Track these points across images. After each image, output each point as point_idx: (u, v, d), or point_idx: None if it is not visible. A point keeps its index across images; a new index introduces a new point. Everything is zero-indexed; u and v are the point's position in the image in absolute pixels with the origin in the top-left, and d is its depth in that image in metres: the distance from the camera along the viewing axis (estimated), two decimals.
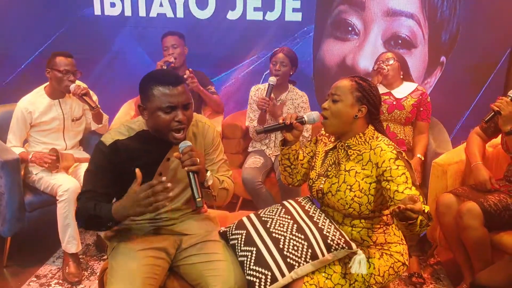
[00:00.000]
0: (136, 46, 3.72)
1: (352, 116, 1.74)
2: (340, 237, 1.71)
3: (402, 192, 1.58)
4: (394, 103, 2.85)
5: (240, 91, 3.69)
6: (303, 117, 1.81)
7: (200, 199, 1.57)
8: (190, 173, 1.59)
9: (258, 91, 3.11)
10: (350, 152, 1.77)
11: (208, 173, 1.67)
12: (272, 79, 2.87)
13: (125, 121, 2.08)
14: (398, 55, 2.94)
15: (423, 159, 2.81)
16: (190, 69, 3.10)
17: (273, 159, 3.09)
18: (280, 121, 1.81)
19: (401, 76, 2.91)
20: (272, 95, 2.90)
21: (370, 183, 1.70)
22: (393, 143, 1.73)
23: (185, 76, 3.01)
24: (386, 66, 2.85)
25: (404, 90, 2.91)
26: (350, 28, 3.54)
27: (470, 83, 3.45)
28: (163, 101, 1.63)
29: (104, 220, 1.62)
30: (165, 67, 3.08)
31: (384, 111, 2.84)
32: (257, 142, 3.16)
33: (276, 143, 3.12)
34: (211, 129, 1.88)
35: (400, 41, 3.48)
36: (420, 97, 2.87)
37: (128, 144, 1.73)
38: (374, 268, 1.71)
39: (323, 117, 1.78)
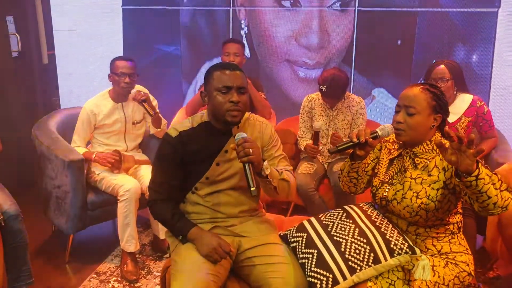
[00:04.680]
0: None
1: (429, 127, 1.73)
2: (403, 241, 1.69)
3: None
4: (447, 127, 2.69)
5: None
6: (377, 132, 1.73)
7: (254, 188, 1.62)
8: (245, 163, 1.64)
9: (311, 101, 3.10)
10: (418, 160, 1.74)
11: (265, 163, 1.71)
12: (317, 125, 2.89)
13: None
14: (452, 67, 2.64)
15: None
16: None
17: (326, 166, 3.08)
18: (354, 139, 1.72)
19: (455, 92, 2.70)
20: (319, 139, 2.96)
21: (438, 189, 1.67)
22: None
23: None
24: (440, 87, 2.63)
25: (457, 110, 2.70)
26: None
27: None
28: (219, 82, 1.77)
29: (175, 230, 1.84)
30: None
31: None
32: None
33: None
34: (268, 127, 1.96)
35: None
36: (476, 113, 2.69)
37: (191, 134, 1.85)
38: (439, 276, 1.67)
39: (398, 129, 1.72)
